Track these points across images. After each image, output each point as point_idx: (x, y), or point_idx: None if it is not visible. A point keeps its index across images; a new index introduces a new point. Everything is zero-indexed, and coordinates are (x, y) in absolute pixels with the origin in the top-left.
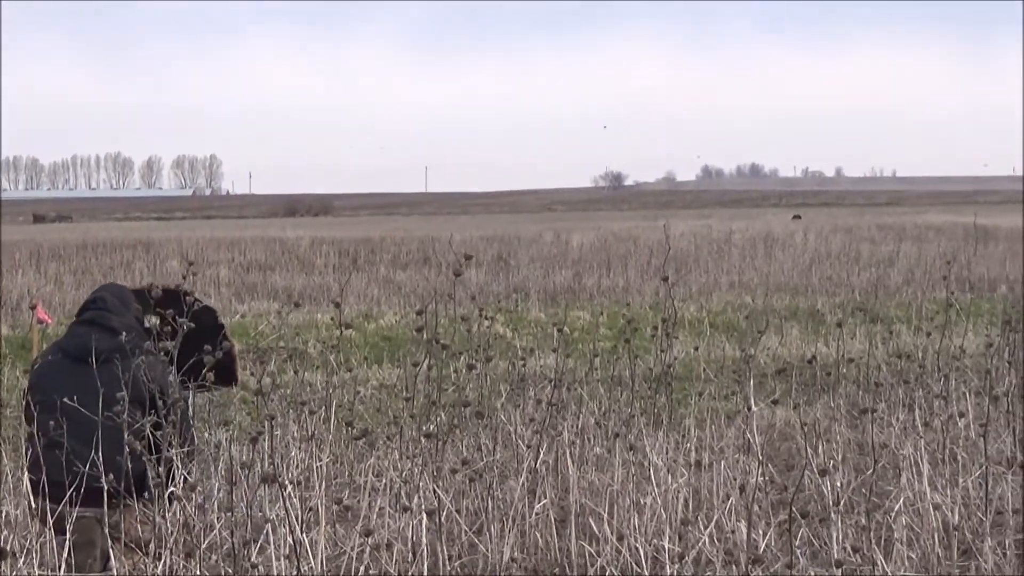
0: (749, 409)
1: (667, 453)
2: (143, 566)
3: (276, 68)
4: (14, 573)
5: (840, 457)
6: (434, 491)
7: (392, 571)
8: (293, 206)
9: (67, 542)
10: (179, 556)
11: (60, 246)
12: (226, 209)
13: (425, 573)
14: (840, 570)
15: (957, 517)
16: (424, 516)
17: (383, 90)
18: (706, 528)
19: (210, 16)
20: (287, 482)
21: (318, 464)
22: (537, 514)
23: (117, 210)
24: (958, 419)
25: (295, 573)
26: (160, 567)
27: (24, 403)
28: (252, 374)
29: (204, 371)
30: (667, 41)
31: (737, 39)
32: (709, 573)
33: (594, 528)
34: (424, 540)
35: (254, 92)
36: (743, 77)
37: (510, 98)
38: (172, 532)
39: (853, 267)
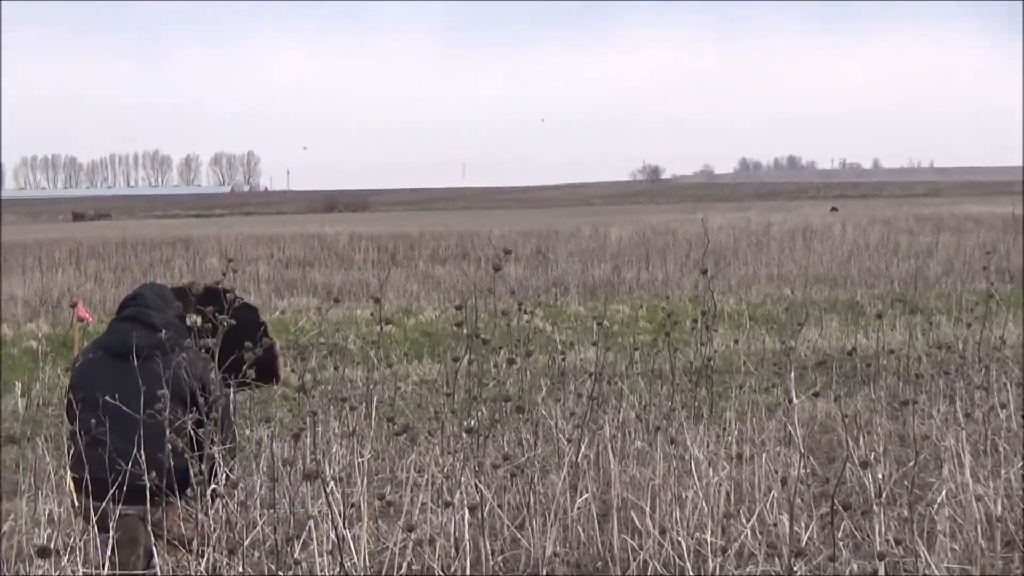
0: (790, 401)
1: (708, 446)
2: (186, 563)
3: (313, 65)
4: (58, 571)
5: (881, 449)
6: (476, 486)
7: (435, 566)
8: (331, 202)
9: (110, 540)
10: (222, 553)
11: (99, 244)
12: (264, 206)
13: (468, 568)
14: (883, 562)
15: (1000, 508)
16: (466, 511)
17: (420, 86)
18: (748, 521)
19: (239, 17)
20: (329, 478)
21: (360, 460)
22: (579, 508)
23: (156, 208)
24: (999, 410)
25: (338, 569)
26: (203, 564)
27: (66, 401)
28: (293, 371)
29: (244, 368)
30: (704, 35)
31: (774, 33)
32: (751, 566)
33: (636, 522)
34: (466, 535)
35: (291, 90)
36: (781, 70)
37: (547, 94)
38: (215, 529)
39: (892, 258)
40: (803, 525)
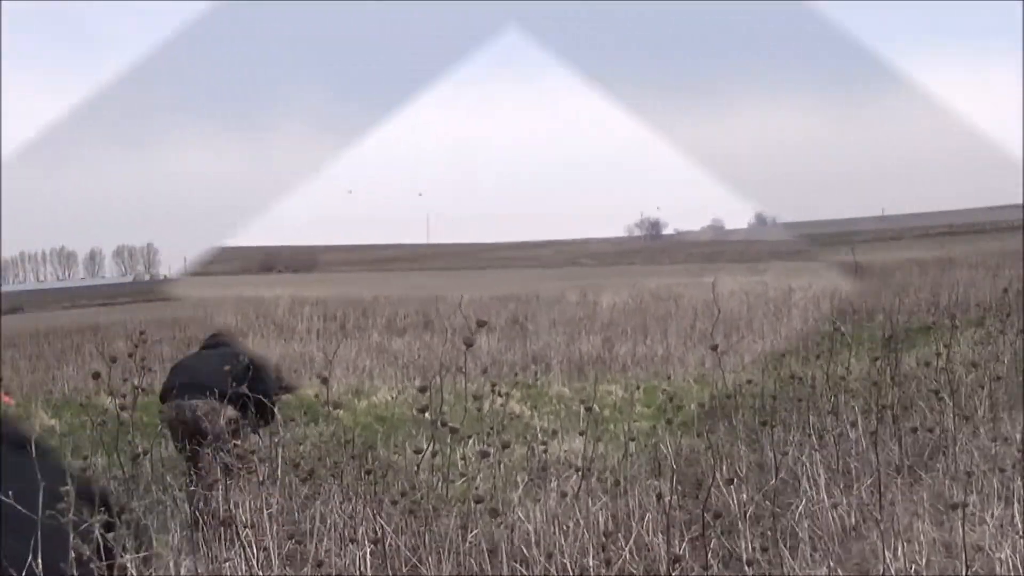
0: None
1: (590, 486)
2: None
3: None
4: None
5: (744, 475)
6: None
7: None
8: (269, 261)
9: None
10: None
11: (15, 335)
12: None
13: None
14: (751, 568)
15: (854, 519)
16: None
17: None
18: (627, 543)
19: (129, 107)
20: None
21: None
22: (470, 543)
23: (64, 299)
24: (849, 432)
25: None
26: None
27: None
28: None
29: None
30: None
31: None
32: None
33: (524, 551)
34: None
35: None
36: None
37: (527, 139)
38: None
39: None
40: (677, 544)
